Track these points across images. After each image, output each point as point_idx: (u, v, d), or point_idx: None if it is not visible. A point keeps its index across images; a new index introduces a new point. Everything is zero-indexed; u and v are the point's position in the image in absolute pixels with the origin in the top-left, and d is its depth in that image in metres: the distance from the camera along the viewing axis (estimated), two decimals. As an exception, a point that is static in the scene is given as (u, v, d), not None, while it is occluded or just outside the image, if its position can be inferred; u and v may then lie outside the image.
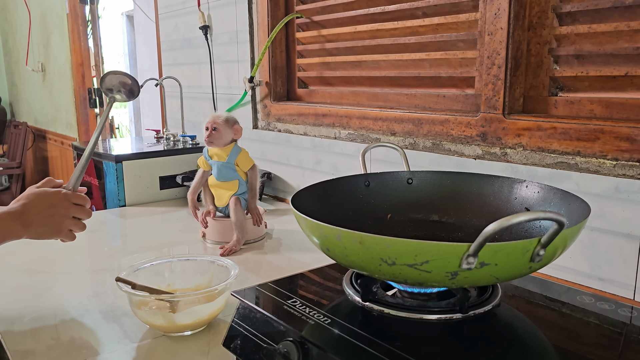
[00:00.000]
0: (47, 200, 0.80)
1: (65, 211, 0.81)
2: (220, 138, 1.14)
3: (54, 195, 0.81)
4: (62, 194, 0.82)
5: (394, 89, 1.24)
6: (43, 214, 0.79)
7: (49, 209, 0.80)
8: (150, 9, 2.41)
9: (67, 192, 0.83)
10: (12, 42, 4.18)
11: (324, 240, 0.60)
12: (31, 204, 0.79)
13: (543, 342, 0.61)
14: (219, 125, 1.14)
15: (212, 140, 1.14)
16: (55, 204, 0.80)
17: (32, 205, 0.79)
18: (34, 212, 0.79)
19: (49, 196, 0.81)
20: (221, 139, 1.15)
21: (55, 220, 0.81)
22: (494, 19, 0.94)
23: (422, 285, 0.60)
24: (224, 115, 1.16)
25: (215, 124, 1.13)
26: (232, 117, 1.17)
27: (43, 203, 0.80)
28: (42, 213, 0.79)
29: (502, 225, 0.46)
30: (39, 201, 0.79)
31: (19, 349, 0.73)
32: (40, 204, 0.79)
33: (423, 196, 0.83)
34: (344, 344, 0.55)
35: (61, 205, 0.81)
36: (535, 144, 0.91)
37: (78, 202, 0.83)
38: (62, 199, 0.81)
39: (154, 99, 3.13)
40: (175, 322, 0.74)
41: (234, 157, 1.15)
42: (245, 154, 1.17)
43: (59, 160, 3.61)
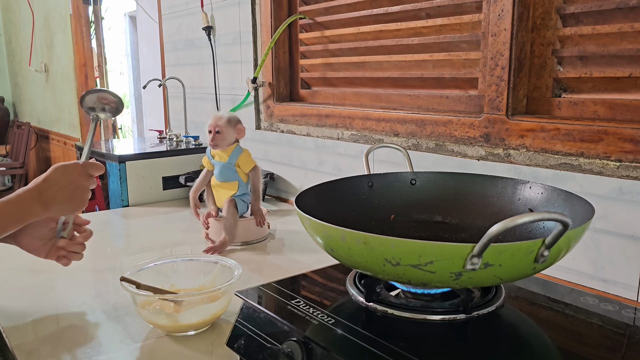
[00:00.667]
0: (68, 176, 0.78)
1: (86, 184, 0.80)
2: (224, 140, 1.15)
3: (74, 170, 0.79)
4: (81, 167, 0.79)
5: (397, 89, 1.24)
6: (66, 189, 0.77)
7: (71, 184, 0.78)
8: (153, 9, 2.42)
9: (84, 163, 0.81)
10: (16, 42, 4.19)
11: (328, 241, 0.60)
12: (52, 181, 0.76)
13: (546, 343, 0.61)
14: (222, 128, 1.14)
15: (216, 143, 1.14)
16: (76, 178, 0.78)
17: (53, 182, 0.76)
18: (55, 188, 0.76)
19: (69, 171, 0.78)
20: (225, 140, 1.15)
21: (78, 195, 0.79)
22: (498, 20, 0.94)
23: (426, 285, 0.60)
24: (225, 115, 1.15)
25: (218, 127, 1.14)
26: (234, 116, 1.17)
27: (64, 179, 0.77)
28: (64, 189, 0.77)
29: (507, 225, 0.46)
30: (60, 176, 0.77)
31: (24, 349, 0.73)
32: (61, 179, 0.77)
33: (426, 197, 0.83)
34: (347, 344, 0.55)
35: (82, 178, 0.79)
36: (538, 145, 0.91)
37: (93, 171, 0.81)
38: (81, 172, 0.79)
39: (157, 100, 3.14)
40: (179, 322, 0.74)
41: (235, 157, 1.15)
42: (246, 155, 1.17)
43: (62, 160, 3.61)
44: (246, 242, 1.17)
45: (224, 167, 1.16)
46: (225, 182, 1.16)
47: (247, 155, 1.17)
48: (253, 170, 1.17)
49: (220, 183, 1.17)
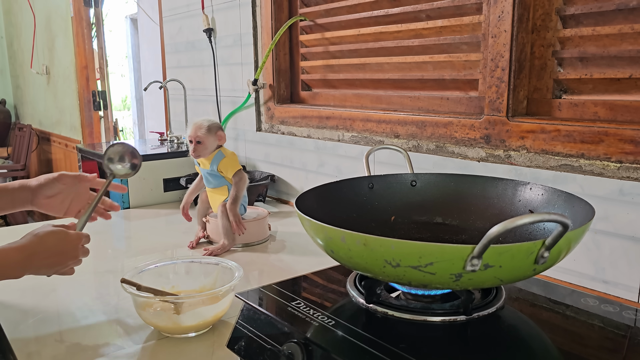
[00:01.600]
0: (63, 245, 0.78)
1: (73, 256, 0.80)
2: (205, 149, 1.14)
3: (71, 242, 0.79)
4: (76, 239, 0.80)
5: (398, 91, 1.24)
6: (53, 258, 0.77)
7: (60, 255, 0.78)
8: (154, 12, 2.42)
9: (79, 235, 0.81)
10: (17, 45, 4.20)
11: (328, 242, 0.60)
12: (47, 247, 0.76)
13: (547, 345, 0.60)
14: (202, 138, 1.13)
15: (198, 153, 1.13)
16: (67, 250, 0.78)
17: (47, 249, 0.76)
18: (46, 255, 0.76)
19: (66, 241, 0.78)
20: (206, 149, 1.14)
21: (61, 264, 0.79)
22: (498, 21, 0.94)
23: (426, 287, 0.60)
24: (205, 123, 1.13)
25: (199, 137, 1.12)
26: (214, 124, 1.15)
27: (59, 247, 0.77)
28: (52, 257, 0.77)
29: (507, 227, 0.46)
30: (56, 244, 0.77)
31: (25, 350, 0.73)
32: (56, 247, 0.77)
33: (427, 198, 0.83)
34: (348, 346, 0.55)
35: (72, 252, 0.79)
36: (539, 146, 0.91)
37: (85, 243, 0.82)
38: (74, 245, 0.79)
39: (157, 102, 3.14)
40: (180, 323, 0.74)
41: (216, 164, 1.14)
42: (228, 160, 1.14)
43: (63, 162, 3.62)
44: (247, 243, 1.17)
45: (208, 174, 1.16)
46: (215, 187, 1.16)
47: (229, 161, 1.15)
48: (237, 174, 1.14)
49: (211, 188, 1.17)
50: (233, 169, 1.14)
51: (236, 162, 1.16)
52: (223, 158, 1.15)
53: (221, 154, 1.15)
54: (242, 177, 1.16)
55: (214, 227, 1.18)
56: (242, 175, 1.15)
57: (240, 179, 1.15)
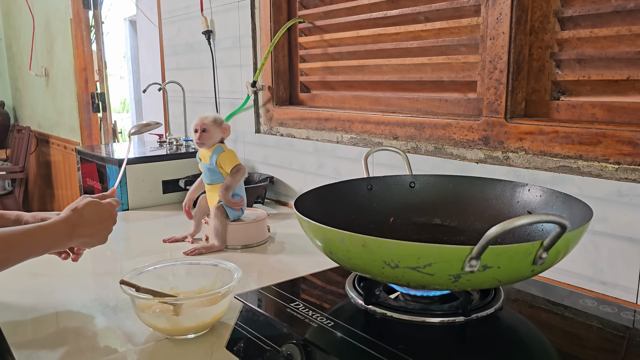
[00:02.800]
0: (100, 215, 0.84)
1: (112, 225, 0.86)
2: (211, 138, 1.15)
3: (106, 210, 0.85)
4: (112, 207, 0.86)
5: (396, 93, 1.24)
6: (94, 227, 0.83)
7: (100, 223, 0.84)
8: (153, 14, 2.42)
9: (112, 203, 0.87)
10: (16, 46, 4.20)
11: (327, 244, 0.60)
12: (86, 217, 0.82)
13: (546, 346, 0.61)
14: (208, 126, 1.14)
15: (203, 141, 1.14)
16: (106, 218, 0.85)
17: (87, 219, 0.82)
18: (87, 225, 0.82)
19: (102, 210, 0.84)
20: (211, 139, 1.15)
21: (103, 234, 0.85)
22: (496, 23, 0.95)
23: (425, 288, 0.60)
24: (211, 115, 1.15)
25: (205, 125, 1.14)
26: (219, 116, 1.17)
27: (97, 217, 0.83)
28: (93, 227, 0.83)
29: (505, 228, 0.47)
30: (93, 214, 0.83)
31: (24, 352, 0.73)
32: (95, 217, 0.83)
33: (426, 200, 0.83)
34: (347, 347, 0.55)
35: (111, 219, 0.86)
36: (537, 147, 0.91)
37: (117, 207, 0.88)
38: (112, 213, 0.86)
39: (157, 104, 3.13)
40: (179, 325, 0.74)
41: (215, 156, 1.14)
42: (227, 154, 1.15)
43: (62, 164, 3.61)
44: (246, 245, 1.17)
45: (208, 169, 1.16)
46: (213, 184, 1.16)
47: (228, 155, 1.15)
48: (235, 167, 1.15)
49: (209, 186, 1.17)
50: (231, 163, 1.15)
51: (235, 158, 1.17)
52: (222, 152, 1.15)
53: (220, 148, 1.16)
54: (240, 169, 1.16)
55: (209, 231, 1.18)
56: (240, 167, 1.16)
57: (238, 170, 1.15)
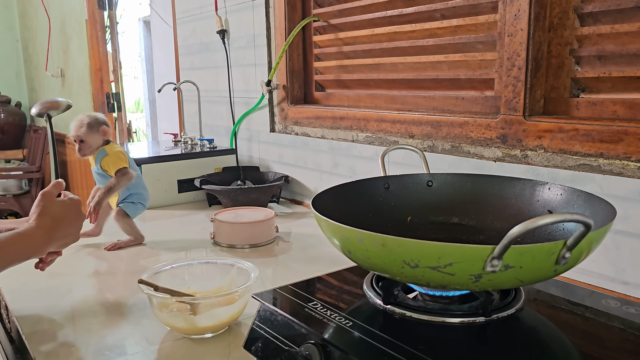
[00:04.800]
0: (71, 212, 0.81)
1: (83, 219, 0.84)
2: (90, 147, 1.12)
3: (74, 206, 0.82)
4: (78, 202, 0.83)
5: (412, 91, 1.24)
6: (69, 227, 0.80)
7: (74, 220, 0.81)
8: (167, 14, 2.43)
9: (78, 199, 0.84)
10: (32, 48, 4.25)
11: (346, 243, 0.59)
12: (59, 219, 0.79)
13: (568, 347, 0.60)
14: (84, 136, 1.10)
15: (83, 153, 1.12)
16: (76, 214, 0.82)
17: (60, 220, 0.79)
18: (61, 226, 0.79)
19: (71, 207, 0.81)
20: (91, 147, 1.12)
21: (77, 231, 0.83)
22: (514, 20, 0.93)
23: (445, 288, 0.59)
24: (85, 120, 1.10)
25: (80, 136, 1.10)
26: (94, 119, 1.11)
27: (68, 215, 0.80)
28: (68, 226, 0.80)
29: (528, 227, 0.46)
30: (64, 214, 0.80)
31: (43, 350, 0.74)
32: (66, 216, 0.80)
33: (443, 199, 0.82)
34: (366, 347, 0.55)
35: (81, 214, 0.83)
36: (556, 146, 0.90)
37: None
38: (79, 208, 0.83)
39: (170, 104, 3.15)
40: (196, 324, 0.74)
41: (99, 162, 1.12)
42: (110, 158, 1.11)
43: (78, 164, 3.65)
44: (254, 244, 1.17)
45: (96, 174, 1.15)
46: None
47: (111, 158, 1.11)
48: (120, 171, 1.11)
49: None
50: (115, 166, 1.10)
51: (120, 160, 1.11)
52: (105, 156, 1.12)
53: (104, 151, 1.12)
54: (126, 173, 1.11)
55: (218, 226, 1.18)
56: (125, 172, 1.11)
57: (124, 174, 1.11)
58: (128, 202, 1.17)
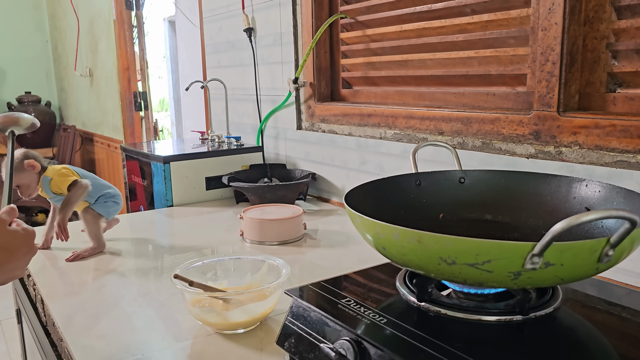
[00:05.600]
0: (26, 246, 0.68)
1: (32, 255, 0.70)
2: (29, 188, 1.11)
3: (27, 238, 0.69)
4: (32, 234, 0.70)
5: (441, 87, 1.22)
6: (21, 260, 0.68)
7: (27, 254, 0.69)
8: (192, 13, 2.46)
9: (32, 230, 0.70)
10: (62, 48, 4.34)
11: (380, 239, 0.59)
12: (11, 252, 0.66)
13: (607, 348, 0.58)
14: (17, 181, 1.08)
15: (28, 194, 1.11)
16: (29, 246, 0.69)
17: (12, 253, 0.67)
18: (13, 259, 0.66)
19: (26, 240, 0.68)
20: (30, 187, 1.11)
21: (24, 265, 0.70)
22: (548, 14, 0.92)
23: (482, 285, 0.58)
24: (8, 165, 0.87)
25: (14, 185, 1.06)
26: (18, 159, 1.08)
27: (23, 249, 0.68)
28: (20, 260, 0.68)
29: (572, 223, 0.45)
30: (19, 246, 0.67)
31: (79, 344, 0.75)
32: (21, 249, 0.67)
33: (476, 195, 0.81)
34: (402, 344, 0.54)
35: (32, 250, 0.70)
36: (592, 142, 0.88)
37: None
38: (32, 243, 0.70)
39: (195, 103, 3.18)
40: (229, 319, 0.74)
41: (49, 190, 1.11)
42: (55, 182, 1.10)
43: (106, 162, 3.71)
44: (282, 241, 1.17)
45: (52, 200, 1.14)
46: None
47: (56, 182, 1.10)
48: (72, 185, 1.10)
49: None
50: (65, 184, 1.10)
51: (66, 176, 1.11)
52: (50, 180, 1.11)
53: (46, 178, 1.11)
54: (78, 186, 1.10)
55: (247, 223, 1.18)
56: (77, 185, 1.10)
57: (77, 187, 1.10)
58: (97, 206, 1.15)
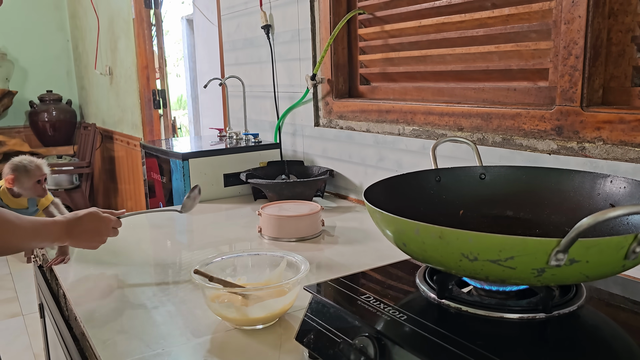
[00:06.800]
0: (97, 224, 0.97)
1: (106, 235, 0.99)
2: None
3: (103, 222, 0.98)
4: (111, 222, 0.99)
5: (461, 83, 1.21)
6: (89, 233, 0.97)
7: (94, 231, 0.97)
8: (210, 11, 2.47)
9: (110, 217, 0.99)
10: (82, 47, 4.39)
11: (400, 235, 0.59)
12: (82, 223, 0.96)
13: (632, 347, 0.57)
14: None
15: None
16: (101, 229, 0.98)
17: (82, 224, 0.96)
18: (81, 229, 0.95)
19: (99, 221, 0.97)
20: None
21: (95, 240, 0.98)
22: (572, 7, 0.90)
23: (504, 282, 0.58)
24: None
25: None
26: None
27: (92, 225, 0.97)
28: (88, 233, 0.96)
29: (598, 219, 0.44)
30: (90, 222, 0.97)
31: (100, 337, 0.76)
32: (90, 225, 0.96)
33: (497, 192, 0.80)
34: (422, 341, 0.54)
35: (106, 231, 0.98)
36: (617, 137, 0.86)
37: (116, 226, 1.01)
38: (108, 226, 0.98)
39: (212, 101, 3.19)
40: (248, 315, 0.74)
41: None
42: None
43: (125, 159, 3.75)
44: (300, 238, 1.17)
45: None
46: None
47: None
48: None
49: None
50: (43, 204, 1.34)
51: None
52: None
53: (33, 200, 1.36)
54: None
55: (265, 220, 1.18)
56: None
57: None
58: None
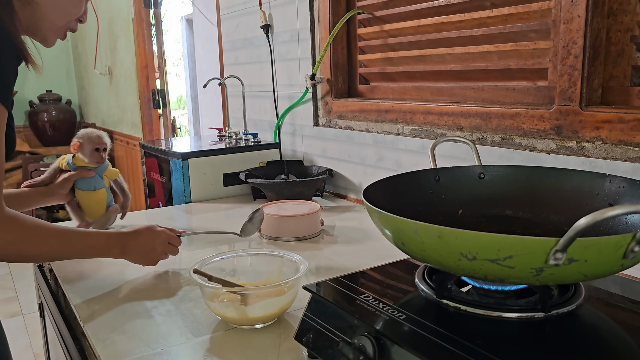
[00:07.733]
0: (153, 240, 0.96)
1: (161, 252, 0.97)
2: None
3: (159, 237, 0.96)
4: (165, 238, 0.97)
5: (460, 83, 1.21)
6: (144, 248, 0.95)
7: (150, 246, 0.95)
8: (209, 11, 2.46)
9: (169, 235, 0.97)
10: (82, 47, 4.39)
11: (399, 235, 0.59)
12: (138, 238, 0.95)
13: (630, 347, 0.57)
14: None
15: None
16: (157, 244, 0.96)
17: (138, 238, 0.95)
18: (136, 243, 0.94)
19: (155, 237, 0.96)
20: None
21: (150, 258, 0.97)
22: (571, 6, 0.90)
23: (503, 282, 0.58)
24: None
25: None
26: None
27: (148, 240, 0.95)
28: (143, 248, 0.95)
29: (597, 218, 0.44)
30: (146, 237, 0.95)
31: (100, 337, 0.76)
32: (146, 240, 0.95)
33: (496, 191, 0.80)
34: (421, 341, 0.54)
35: (162, 246, 0.96)
36: (616, 137, 0.86)
37: (174, 243, 0.99)
38: (164, 241, 0.97)
39: (212, 100, 3.19)
40: (247, 314, 0.74)
41: None
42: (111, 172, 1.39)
43: (125, 159, 3.75)
44: (299, 237, 1.17)
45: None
46: None
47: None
48: None
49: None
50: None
51: None
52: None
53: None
54: None
55: (265, 219, 1.18)
56: None
57: None
58: None
